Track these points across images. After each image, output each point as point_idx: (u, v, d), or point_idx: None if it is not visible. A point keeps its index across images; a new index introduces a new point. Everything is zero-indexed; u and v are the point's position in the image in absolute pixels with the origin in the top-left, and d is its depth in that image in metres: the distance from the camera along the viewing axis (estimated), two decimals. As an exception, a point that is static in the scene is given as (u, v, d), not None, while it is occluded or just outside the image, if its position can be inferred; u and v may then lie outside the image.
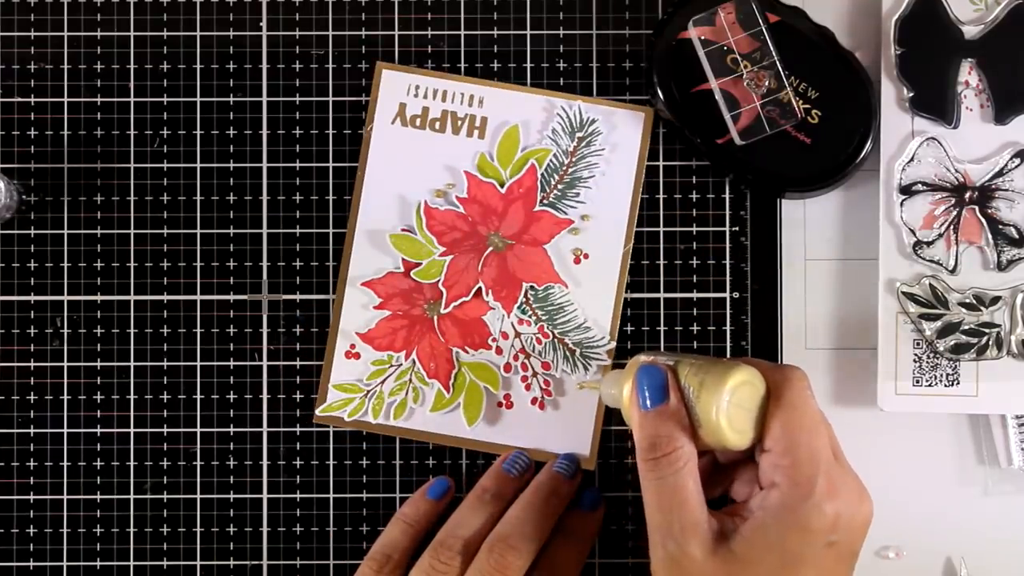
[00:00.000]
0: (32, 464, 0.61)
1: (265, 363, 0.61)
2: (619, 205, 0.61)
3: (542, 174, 0.61)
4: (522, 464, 0.59)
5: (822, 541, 0.50)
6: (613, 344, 0.60)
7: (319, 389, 0.61)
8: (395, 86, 0.61)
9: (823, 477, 0.50)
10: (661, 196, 0.61)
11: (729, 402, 0.50)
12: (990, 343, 0.59)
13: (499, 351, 0.60)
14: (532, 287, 0.60)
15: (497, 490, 0.58)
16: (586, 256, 0.61)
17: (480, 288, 0.60)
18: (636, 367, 0.53)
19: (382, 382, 0.60)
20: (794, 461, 0.50)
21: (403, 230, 0.61)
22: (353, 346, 0.61)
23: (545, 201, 0.60)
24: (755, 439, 0.52)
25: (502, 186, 0.60)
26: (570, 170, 0.61)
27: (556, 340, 0.60)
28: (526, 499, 0.57)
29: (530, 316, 0.60)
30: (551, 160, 0.61)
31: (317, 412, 0.61)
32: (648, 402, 0.52)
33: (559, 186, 0.60)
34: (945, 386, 0.59)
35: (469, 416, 0.60)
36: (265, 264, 0.61)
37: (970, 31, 0.59)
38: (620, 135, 0.61)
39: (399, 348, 0.60)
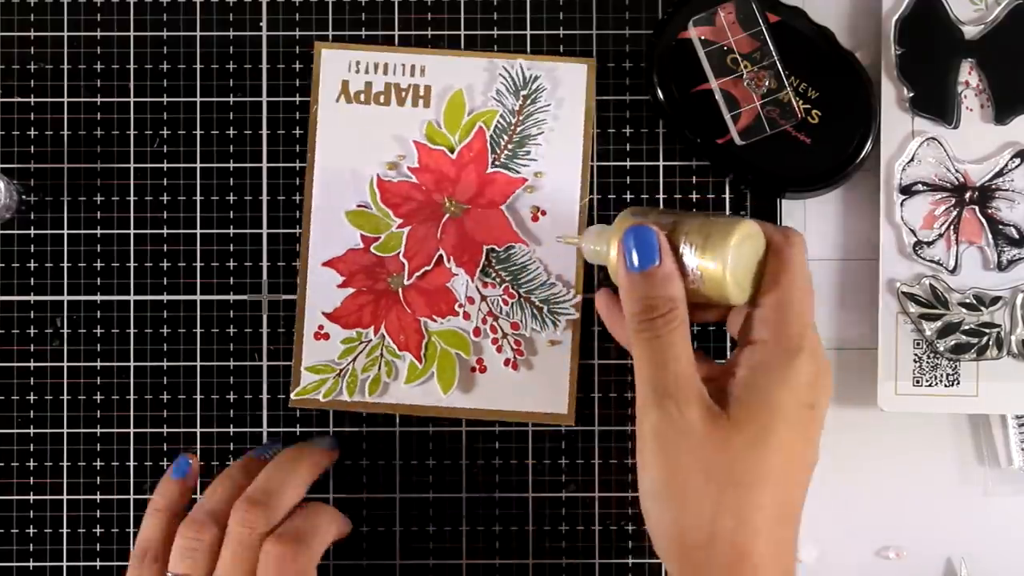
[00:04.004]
0: (32, 464, 0.61)
1: (265, 363, 0.61)
2: (571, 159, 0.61)
3: (491, 136, 0.61)
4: (273, 449, 0.59)
5: (805, 401, 0.50)
6: (580, 298, 0.60)
7: (292, 373, 0.61)
8: (336, 64, 0.61)
9: (809, 337, 0.50)
10: (661, 196, 0.61)
11: (735, 256, 0.50)
12: (990, 343, 0.59)
13: (467, 316, 0.60)
14: (493, 249, 0.60)
15: (244, 466, 0.57)
16: (543, 213, 0.61)
17: (441, 256, 0.60)
18: (624, 225, 0.52)
19: (354, 359, 0.60)
20: (784, 317, 0.50)
21: (359, 206, 0.61)
22: (321, 327, 0.61)
23: (497, 162, 0.61)
24: (751, 295, 0.52)
25: (452, 152, 0.60)
26: (518, 129, 0.61)
27: (523, 300, 0.60)
28: (273, 461, 0.57)
29: (494, 278, 0.60)
30: (498, 121, 0.61)
31: (292, 396, 0.60)
32: (636, 263, 0.51)
33: (509, 146, 0.61)
34: (945, 386, 0.59)
35: (444, 384, 0.60)
36: (265, 264, 0.61)
37: (970, 31, 0.59)
38: (565, 90, 0.61)
39: (367, 324, 0.60)
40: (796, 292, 0.51)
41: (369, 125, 0.61)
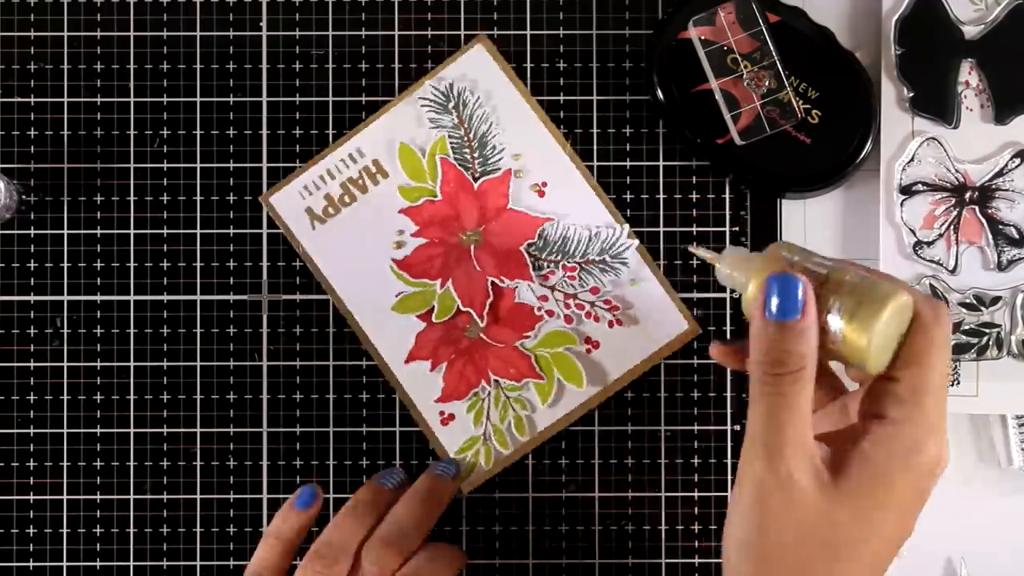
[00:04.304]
0: (32, 464, 0.61)
1: (265, 363, 0.61)
2: (531, 127, 0.61)
3: (455, 158, 0.61)
4: (397, 478, 0.59)
5: (921, 486, 0.48)
6: (627, 227, 0.60)
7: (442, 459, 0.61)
8: (288, 202, 0.61)
9: (941, 423, 0.48)
10: (661, 196, 0.61)
11: (884, 330, 0.47)
12: (990, 343, 0.59)
13: (551, 314, 0.60)
14: (529, 243, 0.61)
15: (371, 501, 0.58)
16: (544, 184, 0.61)
17: (493, 282, 0.60)
18: (771, 265, 0.49)
19: (487, 418, 0.60)
20: (921, 401, 0.47)
21: (397, 296, 0.61)
22: (442, 412, 0.61)
23: (476, 175, 0.61)
24: (888, 364, 0.48)
25: (435, 196, 0.61)
26: (471, 135, 0.61)
27: (583, 265, 0.60)
28: (404, 500, 0.57)
29: (547, 266, 0.60)
30: (450, 142, 0.61)
31: (463, 488, 0.61)
32: (774, 312, 0.47)
33: (475, 155, 0.61)
34: (945, 386, 0.59)
35: (575, 381, 0.60)
36: (265, 264, 0.61)
37: (970, 31, 0.59)
38: (481, 77, 0.61)
39: (476, 381, 0.60)
40: (938, 376, 0.48)
41: (354, 227, 0.61)
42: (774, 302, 0.47)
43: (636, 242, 0.60)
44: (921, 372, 0.48)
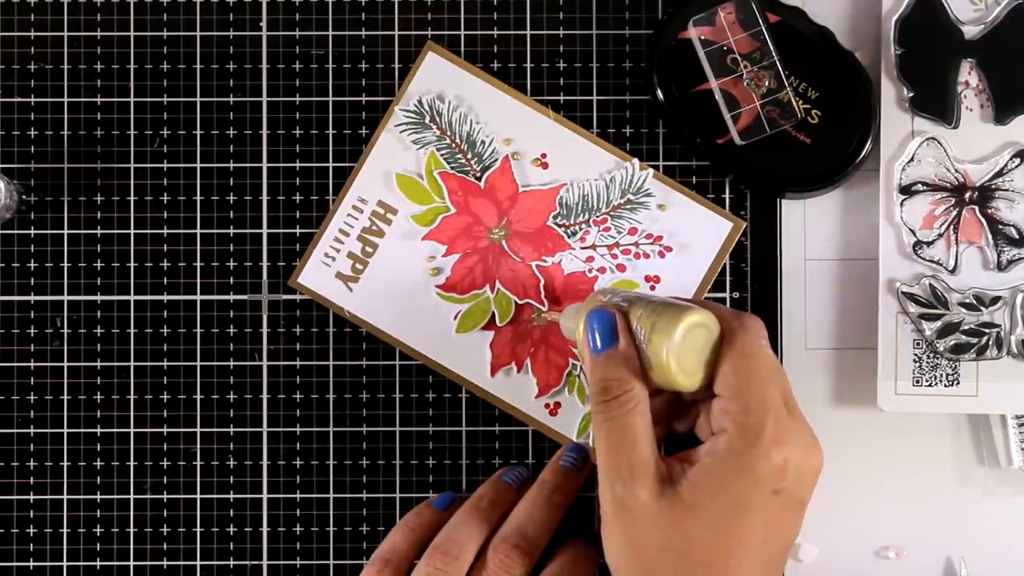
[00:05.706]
0: (32, 464, 0.61)
1: (265, 363, 0.61)
2: (509, 109, 0.61)
3: (451, 168, 0.61)
4: (520, 475, 0.59)
5: (768, 488, 0.50)
6: (636, 160, 0.60)
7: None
8: (316, 276, 0.61)
9: (772, 425, 0.50)
10: (661, 196, 0.61)
11: (680, 344, 0.50)
12: (990, 343, 0.59)
13: (602, 270, 0.61)
14: (553, 216, 0.61)
15: (494, 498, 0.58)
16: (544, 155, 0.61)
17: (536, 266, 0.61)
18: (590, 306, 0.54)
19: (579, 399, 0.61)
20: (743, 407, 0.50)
21: (455, 317, 0.61)
22: (547, 405, 0.61)
23: (476, 175, 0.61)
24: (705, 382, 0.51)
25: (448, 210, 0.61)
26: (458, 140, 0.61)
27: (612, 213, 0.60)
28: (529, 498, 0.57)
29: (580, 229, 0.61)
30: (441, 154, 0.61)
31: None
32: (598, 345, 0.52)
33: (468, 156, 0.61)
34: (945, 386, 0.59)
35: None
36: (265, 264, 0.61)
37: (970, 31, 0.59)
38: (445, 83, 0.61)
39: (564, 363, 0.61)
40: (754, 381, 0.50)
41: (387, 273, 0.61)
42: (596, 337, 0.52)
43: (650, 171, 0.60)
44: (737, 381, 0.51)
